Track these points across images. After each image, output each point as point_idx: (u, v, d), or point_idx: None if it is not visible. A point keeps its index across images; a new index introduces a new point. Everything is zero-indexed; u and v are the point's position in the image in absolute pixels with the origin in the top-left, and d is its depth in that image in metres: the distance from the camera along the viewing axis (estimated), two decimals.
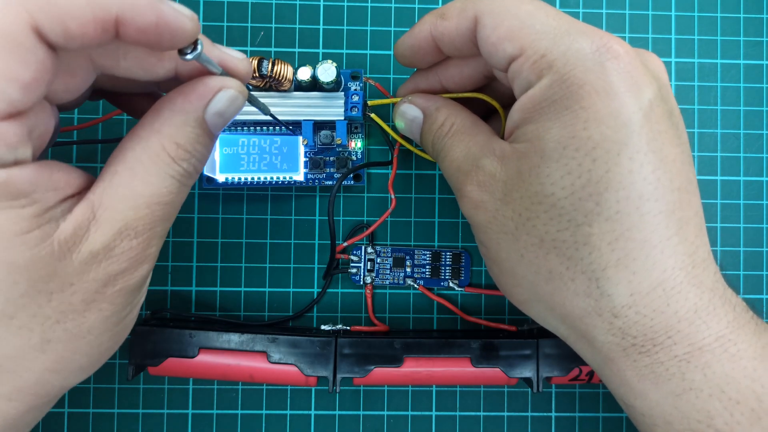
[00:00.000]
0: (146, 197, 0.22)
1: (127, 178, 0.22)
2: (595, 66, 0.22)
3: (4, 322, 0.20)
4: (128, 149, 0.22)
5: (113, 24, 0.19)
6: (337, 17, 0.36)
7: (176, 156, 0.22)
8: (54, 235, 0.20)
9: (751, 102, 0.36)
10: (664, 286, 0.23)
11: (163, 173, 0.22)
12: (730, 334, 0.23)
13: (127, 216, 0.22)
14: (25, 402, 0.22)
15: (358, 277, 0.35)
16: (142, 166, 0.22)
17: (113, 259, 0.22)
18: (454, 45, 0.26)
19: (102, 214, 0.21)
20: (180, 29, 0.20)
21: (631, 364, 0.24)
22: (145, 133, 0.22)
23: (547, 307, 0.25)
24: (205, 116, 0.23)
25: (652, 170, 0.22)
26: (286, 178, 0.34)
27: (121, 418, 0.35)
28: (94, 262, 0.21)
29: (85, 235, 0.21)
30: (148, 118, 0.22)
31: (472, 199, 0.26)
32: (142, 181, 0.22)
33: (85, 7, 0.18)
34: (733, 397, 0.23)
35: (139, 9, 0.19)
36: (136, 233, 0.22)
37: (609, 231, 0.23)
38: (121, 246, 0.22)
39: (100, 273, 0.22)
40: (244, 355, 0.31)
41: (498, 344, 0.32)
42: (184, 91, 0.23)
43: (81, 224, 0.21)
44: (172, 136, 0.22)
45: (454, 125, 0.27)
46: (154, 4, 0.19)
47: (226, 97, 0.23)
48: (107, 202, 0.21)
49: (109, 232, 0.21)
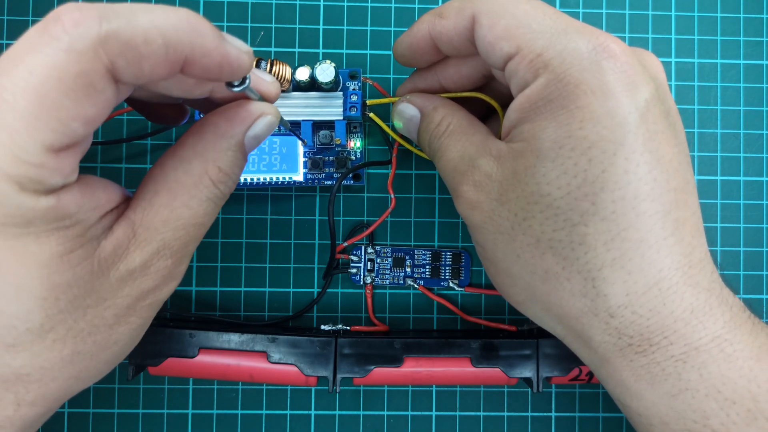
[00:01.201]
0: (184, 219, 0.23)
1: (167, 199, 0.22)
2: (592, 65, 0.22)
3: (42, 337, 0.21)
4: (170, 169, 0.22)
5: (181, 64, 0.19)
6: (337, 17, 0.36)
7: (216, 179, 0.23)
8: (95, 253, 0.21)
9: (751, 102, 0.36)
10: (660, 286, 0.23)
11: (203, 196, 0.23)
12: (726, 334, 0.23)
13: (165, 237, 0.22)
14: (46, 406, 0.23)
15: (358, 277, 0.35)
16: (184, 188, 0.22)
17: (148, 276, 0.22)
18: (453, 44, 0.26)
19: (141, 234, 0.22)
20: (239, 68, 0.21)
21: (628, 364, 0.24)
22: (187, 156, 0.23)
23: (543, 307, 0.25)
24: (244, 140, 0.23)
25: (649, 170, 0.22)
26: (286, 178, 0.34)
27: (121, 418, 0.35)
28: (130, 279, 0.22)
29: (124, 253, 0.22)
30: (190, 141, 0.23)
31: (468, 199, 0.26)
32: (182, 203, 0.22)
33: (160, 50, 0.19)
34: (729, 398, 0.23)
35: (207, 50, 0.20)
36: (172, 253, 0.23)
37: (605, 231, 0.22)
38: (157, 265, 0.23)
39: (134, 289, 0.22)
40: (244, 355, 0.31)
41: (498, 344, 0.32)
42: (227, 117, 0.23)
43: (121, 243, 0.21)
44: (216, 160, 0.23)
45: (450, 125, 0.27)
46: (220, 46, 0.20)
47: (265, 123, 0.24)
48: (147, 222, 0.22)
49: (147, 251, 0.22)
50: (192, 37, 0.19)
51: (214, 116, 0.23)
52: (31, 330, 0.20)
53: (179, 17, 0.19)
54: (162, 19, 0.19)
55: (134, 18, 0.18)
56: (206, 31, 0.20)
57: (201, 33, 0.19)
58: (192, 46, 0.19)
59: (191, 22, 0.19)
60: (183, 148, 0.23)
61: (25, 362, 0.21)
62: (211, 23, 0.20)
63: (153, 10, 0.19)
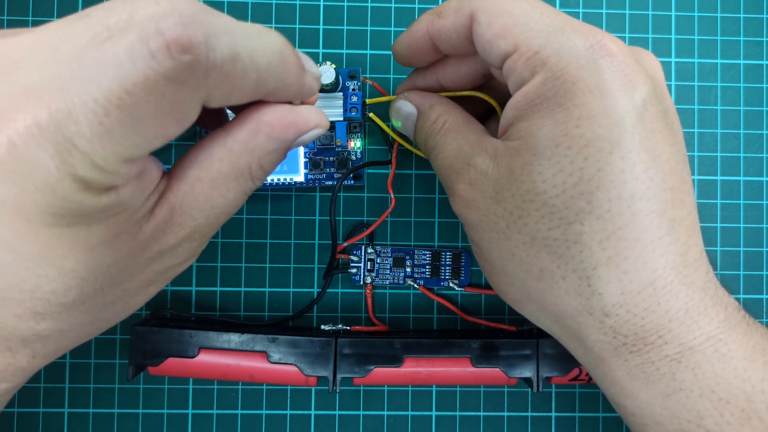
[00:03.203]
0: (218, 208, 0.23)
1: (208, 187, 0.22)
2: (589, 63, 0.22)
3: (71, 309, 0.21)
4: (215, 159, 0.22)
5: (263, 96, 0.20)
6: (337, 17, 0.36)
7: (255, 175, 0.23)
8: (137, 237, 0.21)
9: (751, 102, 0.36)
10: (655, 285, 0.23)
11: (240, 189, 0.23)
12: (720, 334, 0.23)
13: (198, 223, 0.23)
14: (55, 357, 0.24)
15: (358, 277, 0.35)
16: (226, 180, 0.22)
17: (174, 255, 0.23)
18: (451, 43, 0.26)
19: (178, 219, 0.22)
20: (310, 95, 0.23)
21: (622, 363, 0.24)
22: (237, 149, 0.22)
23: (539, 306, 0.25)
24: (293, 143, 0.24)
25: (645, 169, 0.22)
26: (287, 179, 0.34)
27: (121, 418, 0.35)
28: (159, 258, 0.23)
29: (160, 236, 0.22)
30: (242, 136, 0.23)
31: (463, 198, 0.26)
32: (220, 194, 0.23)
33: (251, 84, 0.19)
34: (723, 397, 0.23)
35: (289, 84, 0.21)
36: (200, 237, 0.23)
37: (600, 229, 0.22)
38: (185, 246, 0.23)
39: (160, 266, 0.23)
40: (244, 355, 0.31)
41: (498, 344, 0.32)
42: (285, 122, 0.23)
43: (160, 227, 0.22)
44: (261, 158, 0.23)
45: (446, 123, 0.27)
46: (301, 78, 0.21)
47: (316, 133, 0.24)
48: (186, 207, 0.22)
49: (180, 235, 0.22)
50: (281, 74, 0.20)
51: (269, 115, 0.23)
52: (64, 303, 0.21)
53: (274, 50, 0.19)
54: (260, 52, 0.19)
55: (236, 47, 0.18)
56: (292, 67, 0.20)
57: (288, 69, 0.20)
58: (278, 82, 0.20)
59: (283, 56, 0.20)
60: (233, 140, 0.23)
61: (48, 326, 0.21)
62: (294, 49, 0.21)
63: (251, 37, 0.19)
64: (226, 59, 0.18)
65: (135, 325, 0.31)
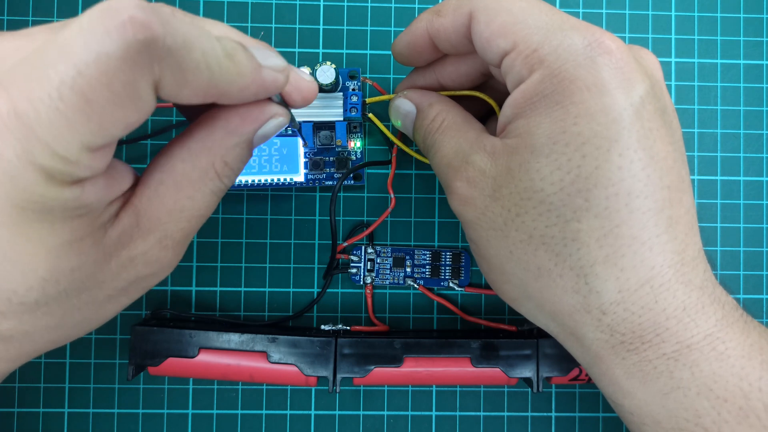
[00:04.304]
0: (187, 211, 0.23)
1: (173, 190, 0.22)
2: (587, 61, 0.22)
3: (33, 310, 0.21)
4: (177, 160, 0.22)
5: (215, 98, 0.20)
6: (337, 17, 0.36)
7: (222, 173, 0.23)
8: (102, 241, 0.21)
9: (751, 102, 0.36)
10: (652, 283, 0.23)
11: (207, 190, 0.23)
12: (718, 333, 0.23)
13: (168, 227, 0.22)
14: (20, 362, 0.24)
15: (358, 277, 0.35)
16: (189, 181, 0.22)
17: (147, 264, 0.23)
18: (450, 42, 0.26)
19: (145, 224, 0.22)
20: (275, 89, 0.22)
21: (620, 362, 0.24)
22: (195, 148, 0.22)
23: (536, 304, 0.25)
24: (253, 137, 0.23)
25: (642, 167, 0.22)
26: (287, 179, 0.34)
27: (121, 418, 0.35)
28: (130, 265, 0.22)
29: (127, 241, 0.22)
30: (199, 133, 0.23)
31: (461, 195, 0.26)
32: (187, 195, 0.22)
33: (202, 83, 0.19)
34: (721, 396, 0.23)
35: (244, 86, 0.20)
36: (173, 243, 0.23)
37: (597, 227, 0.22)
38: (157, 254, 0.23)
39: (131, 275, 0.23)
40: (244, 355, 0.31)
41: (498, 344, 0.32)
42: (241, 114, 0.23)
43: (126, 231, 0.22)
44: (223, 156, 0.23)
45: (445, 121, 0.27)
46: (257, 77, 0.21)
47: (275, 124, 0.24)
48: (152, 212, 0.22)
49: (149, 241, 0.22)
50: (232, 76, 0.19)
51: (225, 111, 0.23)
52: (25, 303, 0.21)
53: (226, 50, 0.19)
54: (212, 51, 0.18)
55: (190, 37, 0.18)
56: (245, 68, 0.20)
57: (241, 71, 0.20)
58: (230, 85, 0.19)
59: (233, 56, 0.19)
60: (192, 140, 0.23)
61: (11, 327, 0.21)
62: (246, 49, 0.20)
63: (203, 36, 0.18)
64: (180, 46, 0.17)
65: (135, 325, 0.32)
